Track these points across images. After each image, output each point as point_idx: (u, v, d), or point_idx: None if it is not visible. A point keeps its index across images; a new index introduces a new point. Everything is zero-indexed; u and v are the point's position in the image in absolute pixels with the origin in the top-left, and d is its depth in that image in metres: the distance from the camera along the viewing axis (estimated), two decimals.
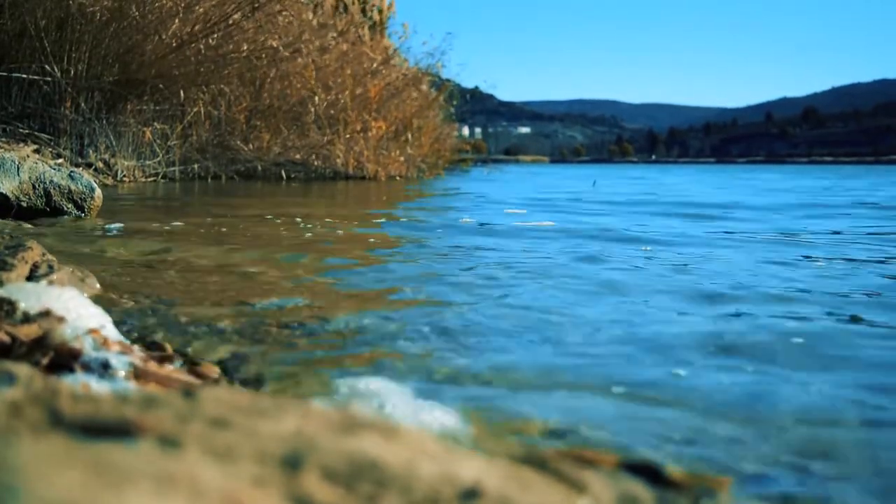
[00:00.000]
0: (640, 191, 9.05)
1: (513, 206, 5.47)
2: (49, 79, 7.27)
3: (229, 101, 9.11)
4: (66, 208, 3.27)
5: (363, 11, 12.17)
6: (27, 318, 1.08)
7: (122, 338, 1.15)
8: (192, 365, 1.11)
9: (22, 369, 0.60)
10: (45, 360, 0.96)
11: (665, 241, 3.07)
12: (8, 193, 3.13)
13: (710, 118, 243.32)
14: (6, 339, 1.00)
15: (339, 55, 10.38)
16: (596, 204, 5.95)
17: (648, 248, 2.80)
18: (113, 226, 3.14)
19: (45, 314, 1.09)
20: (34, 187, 3.20)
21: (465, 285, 1.93)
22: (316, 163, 10.03)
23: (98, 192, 3.40)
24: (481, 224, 3.83)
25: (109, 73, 7.54)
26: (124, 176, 7.64)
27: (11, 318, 1.08)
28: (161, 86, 8.11)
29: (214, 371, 1.10)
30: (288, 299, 1.67)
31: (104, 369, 0.96)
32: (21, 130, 7.12)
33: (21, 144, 6.43)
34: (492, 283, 1.97)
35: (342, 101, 10.36)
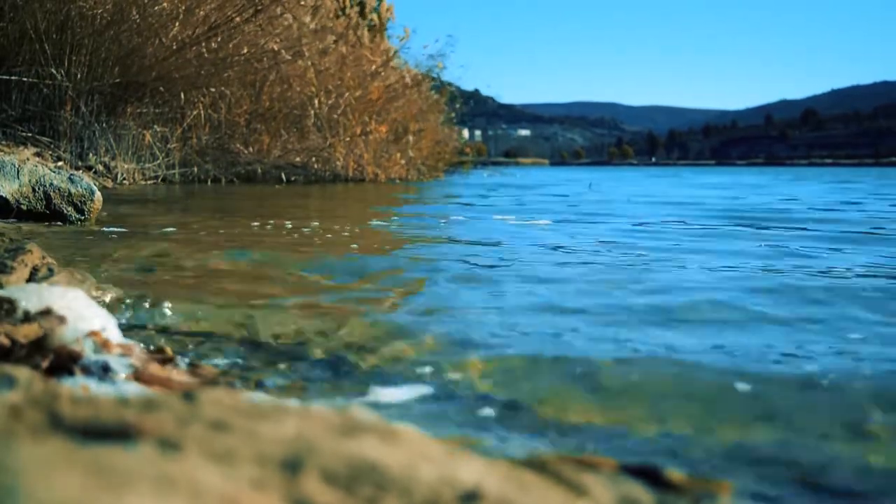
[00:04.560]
0: None
1: None
2: (49, 82, 7.28)
3: (229, 103, 9.12)
4: (65, 211, 3.27)
5: (362, 14, 12.19)
6: (28, 317, 1.08)
7: (123, 339, 1.15)
8: (192, 367, 1.11)
9: (22, 372, 0.60)
10: (44, 363, 0.96)
11: None
12: (8, 196, 3.14)
13: (710, 120, 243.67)
14: (6, 341, 1.00)
15: (338, 58, 10.39)
16: None
17: None
18: (113, 229, 3.14)
19: (46, 313, 1.09)
20: (34, 190, 3.20)
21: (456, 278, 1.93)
22: (316, 165, 10.03)
23: (98, 194, 3.40)
24: None
25: (109, 76, 7.55)
26: (124, 179, 7.64)
27: (12, 318, 1.08)
28: (161, 89, 8.12)
29: (214, 373, 1.10)
30: (289, 301, 1.67)
31: (104, 372, 0.96)
32: (21, 133, 7.13)
33: (21, 147, 6.44)
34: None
35: (342, 103, 10.37)
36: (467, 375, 1.14)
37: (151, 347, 1.20)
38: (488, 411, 0.99)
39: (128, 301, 1.61)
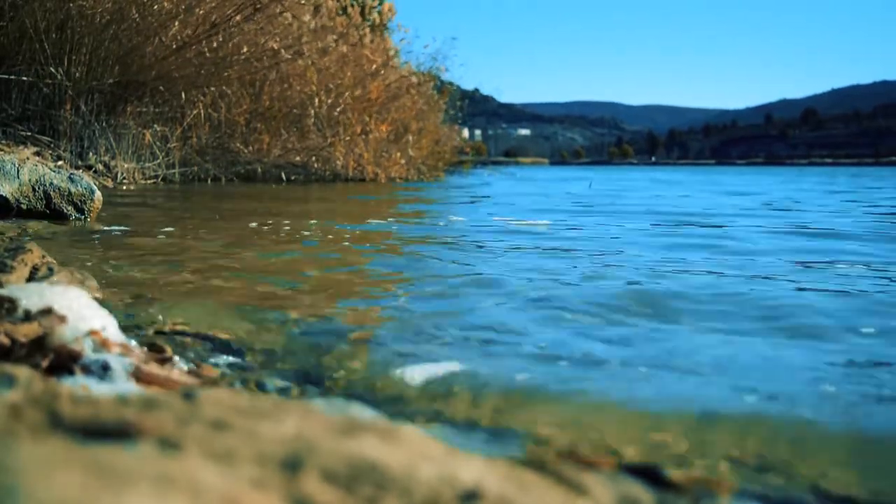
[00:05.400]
0: None
1: None
2: (49, 81, 7.27)
3: (229, 103, 9.12)
4: (66, 211, 3.27)
5: (363, 14, 12.19)
6: (28, 316, 1.08)
7: (123, 339, 1.15)
8: (192, 367, 1.11)
9: (22, 371, 0.60)
10: (44, 362, 0.96)
11: None
12: (8, 196, 3.13)
13: (710, 120, 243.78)
14: (6, 341, 1.00)
15: (339, 57, 10.39)
16: None
17: None
18: (113, 228, 3.14)
19: (46, 312, 1.09)
20: (34, 189, 3.20)
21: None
22: (316, 165, 10.03)
23: (98, 194, 3.40)
24: None
25: (109, 75, 7.55)
26: (124, 178, 7.64)
27: (12, 317, 1.07)
28: (161, 88, 8.12)
29: (214, 373, 1.10)
30: (288, 302, 1.67)
31: (104, 371, 0.96)
32: (21, 133, 7.12)
33: (21, 147, 6.44)
34: None
35: (342, 103, 10.37)
36: None
37: (151, 347, 1.20)
38: None
39: (127, 300, 1.61)
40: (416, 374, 1.12)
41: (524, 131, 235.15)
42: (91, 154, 7.53)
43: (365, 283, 2.05)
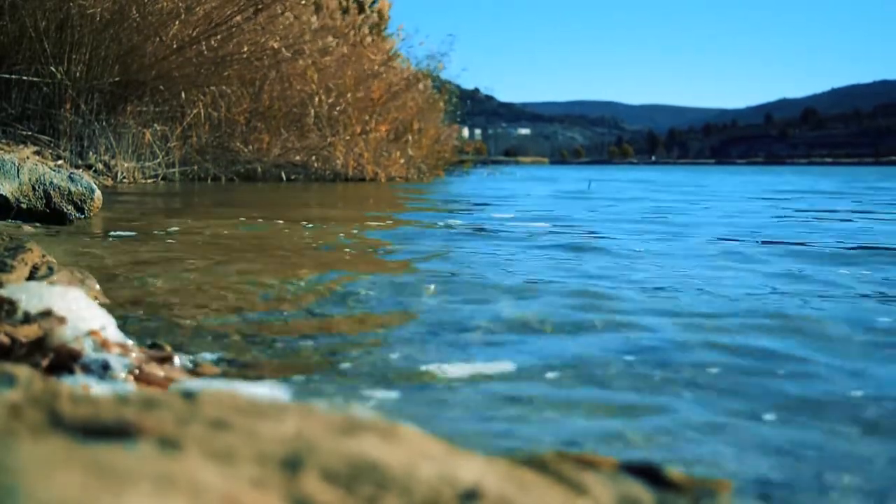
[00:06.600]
0: None
1: None
2: (49, 80, 7.27)
3: (229, 102, 9.12)
4: (66, 210, 3.27)
5: (361, 11, 12.18)
6: (28, 318, 1.08)
7: (122, 339, 1.15)
8: (191, 366, 1.11)
9: (22, 371, 0.60)
10: (45, 362, 0.96)
11: None
12: (8, 195, 3.13)
13: (710, 119, 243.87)
14: (6, 340, 1.00)
15: (339, 57, 10.39)
16: None
17: None
18: (113, 227, 3.14)
19: (46, 314, 1.09)
20: (34, 189, 3.20)
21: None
22: (316, 164, 10.03)
23: (98, 193, 3.39)
24: None
25: (109, 74, 7.55)
26: (124, 177, 7.64)
27: (12, 318, 1.07)
28: (161, 87, 8.12)
29: (214, 371, 1.10)
30: (288, 303, 1.67)
31: (104, 370, 0.96)
32: (21, 132, 7.12)
33: (21, 146, 6.43)
34: None
35: (342, 102, 10.37)
36: None
37: (151, 346, 1.20)
38: None
39: (128, 299, 1.61)
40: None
41: (524, 131, 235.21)
42: (91, 153, 7.53)
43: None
